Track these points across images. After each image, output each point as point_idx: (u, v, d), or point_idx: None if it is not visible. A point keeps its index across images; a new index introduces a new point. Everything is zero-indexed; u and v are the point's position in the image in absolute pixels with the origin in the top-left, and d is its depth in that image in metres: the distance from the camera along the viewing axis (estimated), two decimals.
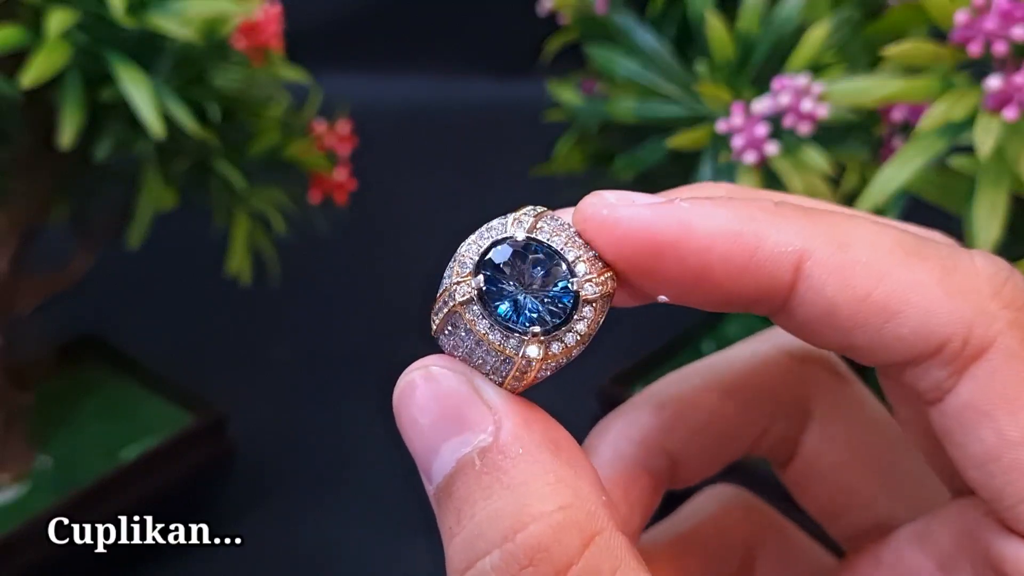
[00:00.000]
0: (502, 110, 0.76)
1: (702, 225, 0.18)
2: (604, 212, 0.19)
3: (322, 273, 0.64)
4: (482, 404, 0.18)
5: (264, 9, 0.43)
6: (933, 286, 0.18)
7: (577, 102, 0.44)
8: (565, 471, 0.18)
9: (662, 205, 0.18)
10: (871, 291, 0.18)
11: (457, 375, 0.19)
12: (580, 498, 0.17)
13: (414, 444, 0.19)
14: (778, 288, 0.18)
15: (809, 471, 0.24)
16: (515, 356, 0.18)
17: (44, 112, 0.39)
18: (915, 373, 0.18)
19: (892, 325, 0.18)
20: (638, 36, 0.41)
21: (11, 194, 0.42)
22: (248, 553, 0.48)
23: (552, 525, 0.17)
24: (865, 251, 0.18)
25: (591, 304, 0.19)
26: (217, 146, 0.41)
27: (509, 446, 0.18)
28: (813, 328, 0.18)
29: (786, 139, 0.36)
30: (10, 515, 0.43)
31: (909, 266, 0.18)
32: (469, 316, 0.18)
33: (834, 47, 0.37)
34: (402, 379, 0.19)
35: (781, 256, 0.18)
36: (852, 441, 0.23)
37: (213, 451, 0.49)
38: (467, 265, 0.19)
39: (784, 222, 0.18)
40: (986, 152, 0.30)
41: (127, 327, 0.56)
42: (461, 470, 0.18)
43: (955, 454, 0.18)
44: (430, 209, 0.72)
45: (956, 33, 0.32)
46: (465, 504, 0.18)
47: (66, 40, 0.36)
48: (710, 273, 0.18)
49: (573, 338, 0.19)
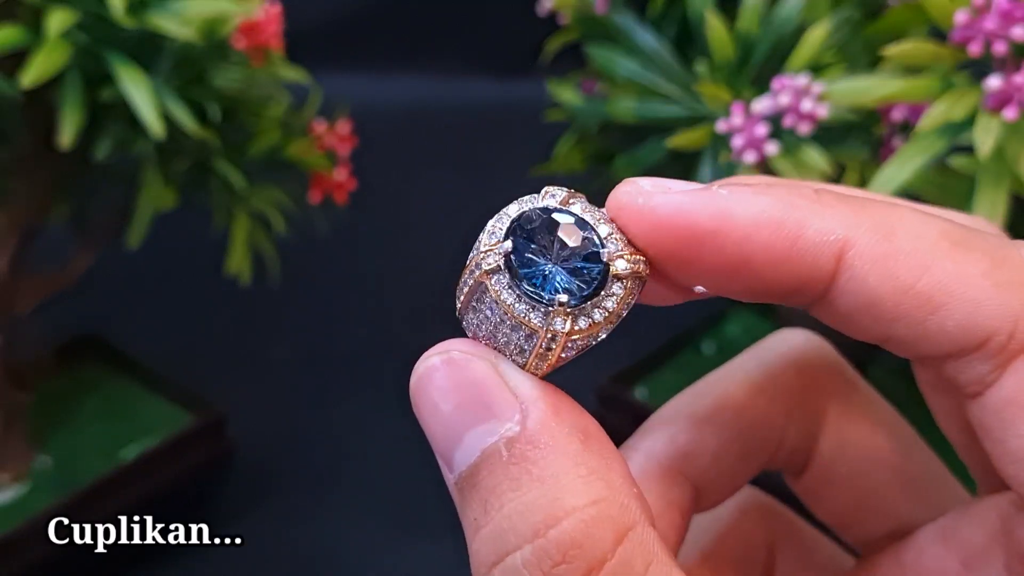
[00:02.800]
0: (502, 110, 0.76)
1: (742, 213, 0.18)
2: (640, 200, 0.18)
3: (322, 273, 0.64)
4: (508, 391, 0.18)
5: (264, 9, 0.43)
6: (980, 278, 0.17)
7: (577, 102, 0.44)
8: (596, 462, 0.17)
9: (700, 192, 0.18)
10: (915, 282, 0.17)
11: (481, 360, 0.18)
12: (613, 491, 0.17)
13: (434, 431, 0.18)
14: (819, 278, 0.18)
15: (824, 479, 0.23)
16: (540, 329, 0.18)
17: (44, 112, 0.39)
18: (956, 366, 0.18)
19: (936, 317, 0.17)
20: (638, 36, 0.41)
21: (11, 194, 0.42)
22: (248, 553, 0.48)
23: (585, 520, 0.16)
24: (909, 241, 0.17)
25: (621, 281, 0.18)
26: (217, 146, 0.41)
27: (538, 436, 0.17)
28: (854, 319, 0.18)
29: (786, 139, 0.36)
30: (10, 515, 0.43)
31: (955, 257, 0.17)
32: (495, 286, 0.18)
33: (834, 47, 0.37)
34: (421, 363, 0.18)
35: (823, 245, 0.17)
36: (866, 446, 0.23)
37: (213, 451, 0.49)
38: (495, 235, 0.18)
39: (826, 210, 0.18)
40: (986, 152, 0.30)
41: (127, 327, 0.56)
42: (487, 460, 0.17)
43: (993, 449, 0.18)
44: (430, 209, 0.72)
45: (956, 33, 0.32)
46: (492, 495, 0.17)
47: (66, 40, 0.36)
48: (750, 262, 0.18)
49: (601, 314, 0.18)
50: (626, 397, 0.49)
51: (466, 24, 0.82)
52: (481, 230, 0.19)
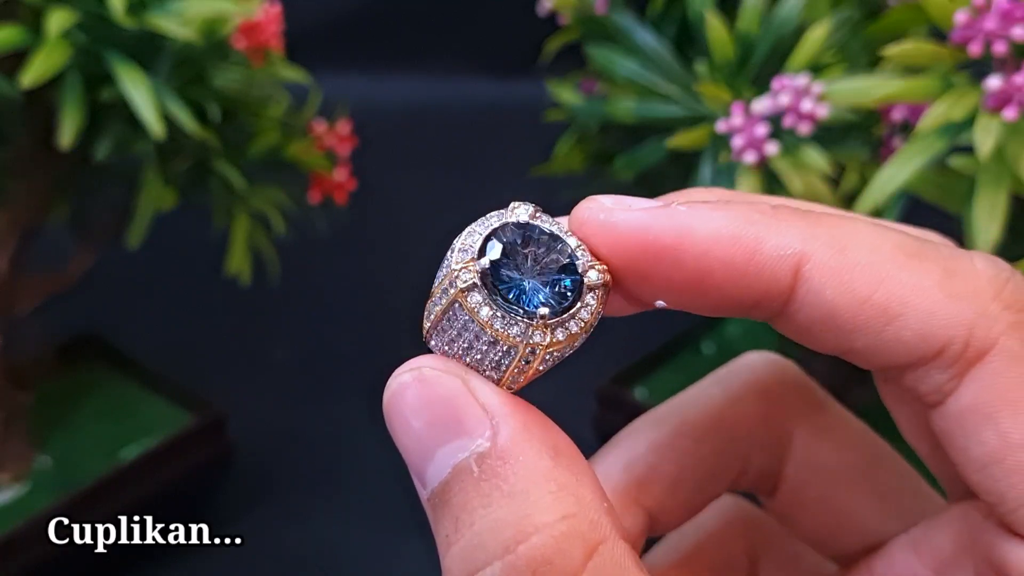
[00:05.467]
0: (502, 110, 0.76)
1: (700, 228, 0.18)
2: (600, 216, 0.18)
3: (322, 273, 0.64)
4: (478, 407, 0.18)
5: (264, 9, 0.43)
6: (934, 288, 0.17)
7: (577, 102, 0.44)
8: (566, 477, 0.17)
9: (659, 209, 0.18)
10: (871, 294, 0.18)
11: (451, 376, 0.18)
12: (583, 506, 0.17)
13: (406, 448, 0.18)
14: (777, 291, 0.18)
15: (795, 500, 0.23)
16: (519, 344, 0.18)
17: (44, 112, 0.39)
18: (916, 376, 0.18)
19: (893, 328, 0.18)
20: (638, 36, 0.41)
21: (11, 194, 0.42)
22: (248, 553, 0.48)
23: (555, 536, 0.17)
24: (865, 253, 0.18)
25: (594, 292, 0.18)
26: (217, 146, 0.41)
27: (508, 452, 0.17)
28: (813, 332, 0.18)
29: (786, 139, 0.36)
30: (10, 515, 0.43)
31: (909, 268, 0.18)
32: (472, 303, 0.18)
33: (834, 47, 0.37)
34: (393, 380, 0.18)
35: (780, 259, 0.18)
36: (836, 466, 0.23)
37: (213, 451, 0.49)
38: (467, 252, 0.18)
39: (783, 225, 0.18)
40: (986, 152, 0.30)
41: (127, 327, 0.56)
42: (458, 476, 0.17)
43: (957, 457, 0.18)
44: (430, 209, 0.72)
45: (956, 33, 0.32)
46: (463, 512, 0.17)
47: (66, 40, 0.36)
48: (709, 277, 0.18)
49: (577, 325, 0.18)
50: (626, 398, 0.49)
51: (466, 24, 0.82)
52: None
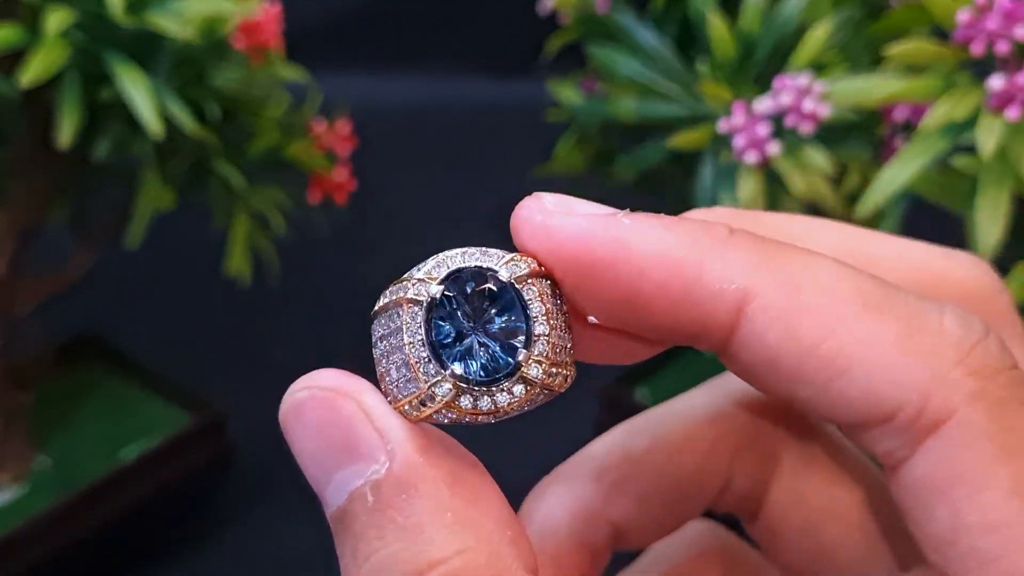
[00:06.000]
0: (502, 110, 0.76)
1: (638, 246, 0.16)
2: (538, 218, 0.17)
3: (322, 273, 0.64)
4: (373, 431, 0.17)
5: (263, 8, 0.43)
6: (889, 345, 0.16)
7: (578, 101, 0.44)
8: (465, 509, 0.16)
9: (600, 218, 0.17)
10: (819, 343, 0.16)
11: (345, 398, 0.17)
12: (480, 539, 0.16)
13: (305, 467, 0.17)
14: (717, 327, 0.16)
15: (777, 529, 0.22)
16: (423, 383, 0.17)
17: (43, 112, 0.39)
18: (868, 438, 0.17)
19: (839, 383, 0.16)
20: (639, 35, 0.41)
21: (10, 194, 0.42)
22: (248, 553, 0.48)
23: (448, 573, 0.16)
24: (818, 296, 0.16)
25: (526, 385, 0.17)
26: (216, 146, 0.41)
27: (402, 480, 0.16)
28: (756, 375, 0.17)
29: (788, 139, 0.36)
30: (9, 515, 0.43)
31: (866, 319, 0.16)
32: (408, 317, 0.17)
33: (836, 46, 0.37)
34: (287, 397, 0.17)
35: (723, 292, 0.16)
36: (823, 498, 0.21)
37: (212, 451, 0.48)
38: (438, 270, 0.17)
39: (731, 254, 0.16)
40: (988, 152, 0.30)
41: (126, 327, 0.55)
42: (353, 503, 0.16)
43: (912, 530, 0.17)
44: (430, 209, 0.72)
45: (958, 33, 0.32)
46: (360, 542, 0.16)
47: (65, 39, 0.36)
48: (643, 299, 0.17)
49: (487, 405, 0.17)
50: (628, 399, 0.49)
51: (467, 24, 0.82)
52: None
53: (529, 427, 0.45)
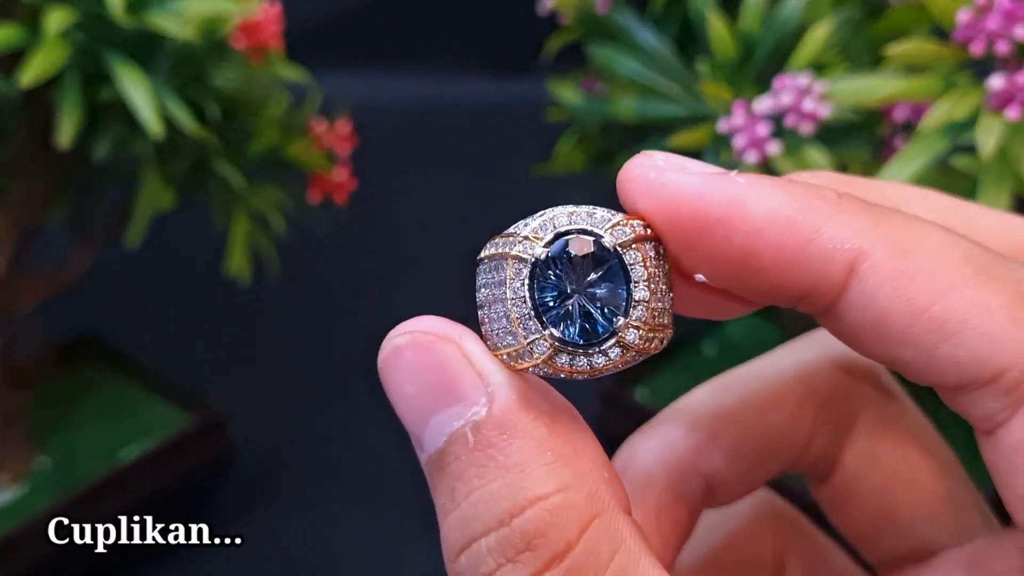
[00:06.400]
0: (503, 109, 0.75)
1: (756, 205, 0.17)
2: (651, 175, 0.17)
3: (322, 273, 0.64)
4: (474, 374, 0.17)
5: (263, 8, 0.43)
6: (999, 309, 0.16)
7: (578, 101, 0.44)
8: (564, 448, 0.17)
9: (715, 176, 0.17)
10: (929, 305, 0.16)
11: (446, 342, 0.17)
12: (579, 478, 0.17)
13: (402, 413, 0.18)
14: (828, 287, 0.17)
15: (848, 490, 0.22)
16: (523, 339, 0.17)
17: (42, 112, 0.39)
18: (968, 400, 0.17)
19: (947, 346, 0.16)
20: (639, 35, 0.41)
21: (9, 194, 0.42)
22: (248, 553, 0.48)
23: (549, 509, 0.16)
24: (929, 260, 0.16)
25: (623, 349, 0.17)
26: (216, 146, 0.41)
27: (504, 421, 0.17)
28: (860, 336, 0.17)
29: (788, 139, 0.36)
30: (9, 515, 0.43)
31: (976, 284, 0.16)
32: (512, 272, 0.17)
33: (836, 46, 0.37)
34: (387, 343, 0.18)
35: (836, 253, 0.17)
36: (896, 462, 0.22)
37: (212, 451, 0.48)
38: (544, 229, 0.17)
39: (845, 217, 0.17)
40: (988, 152, 0.30)
41: (126, 327, 0.55)
42: (453, 445, 0.17)
43: (1003, 492, 0.17)
44: (430, 209, 0.72)
45: (958, 32, 0.32)
46: (460, 482, 0.17)
47: (65, 39, 0.36)
48: (757, 259, 0.17)
49: (583, 364, 0.17)
50: (627, 398, 0.49)
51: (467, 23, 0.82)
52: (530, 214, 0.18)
53: None
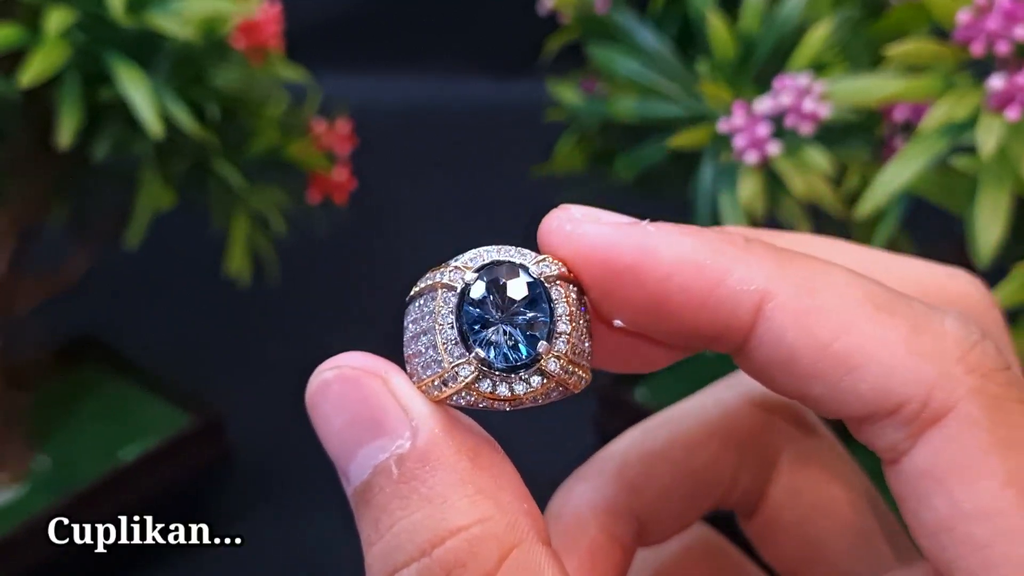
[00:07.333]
0: (502, 110, 0.76)
1: (666, 252, 0.18)
2: (568, 227, 0.18)
3: (322, 273, 0.64)
4: (398, 408, 0.18)
5: (263, 8, 0.43)
6: (898, 343, 0.17)
7: (577, 101, 0.44)
8: (485, 481, 0.17)
9: (627, 226, 0.18)
10: (832, 341, 0.17)
11: (373, 377, 0.18)
12: (500, 510, 0.17)
13: (329, 446, 0.18)
14: (737, 327, 0.18)
15: (773, 524, 0.23)
16: (448, 364, 0.18)
17: (42, 112, 0.39)
18: (872, 431, 0.18)
19: (851, 379, 0.17)
20: (639, 35, 0.41)
21: (9, 194, 0.42)
22: (248, 553, 0.48)
23: (469, 539, 0.17)
24: (832, 299, 0.17)
25: (544, 377, 0.18)
26: (216, 146, 0.41)
27: (427, 454, 0.17)
28: (771, 373, 0.18)
29: (788, 139, 0.36)
30: (9, 515, 0.43)
31: (876, 320, 0.17)
32: (441, 301, 0.18)
33: (836, 46, 0.37)
34: (315, 377, 0.18)
35: (743, 294, 0.17)
36: (817, 495, 0.23)
37: (212, 451, 0.48)
38: (474, 261, 0.18)
39: (752, 259, 0.18)
40: (988, 152, 0.30)
41: (126, 328, 0.55)
42: (378, 477, 0.17)
43: (909, 520, 0.18)
44: (430, 209, 0.72)
45: (958, 33, 0.32)
46: (384, 513, 0.17)
47: (65, 39, 0.36)
48: (669, 302, 0.18)
49: (505, 391, 0.18)
50: (627, 398, 0.49)
51: (466, 24, 0.82)
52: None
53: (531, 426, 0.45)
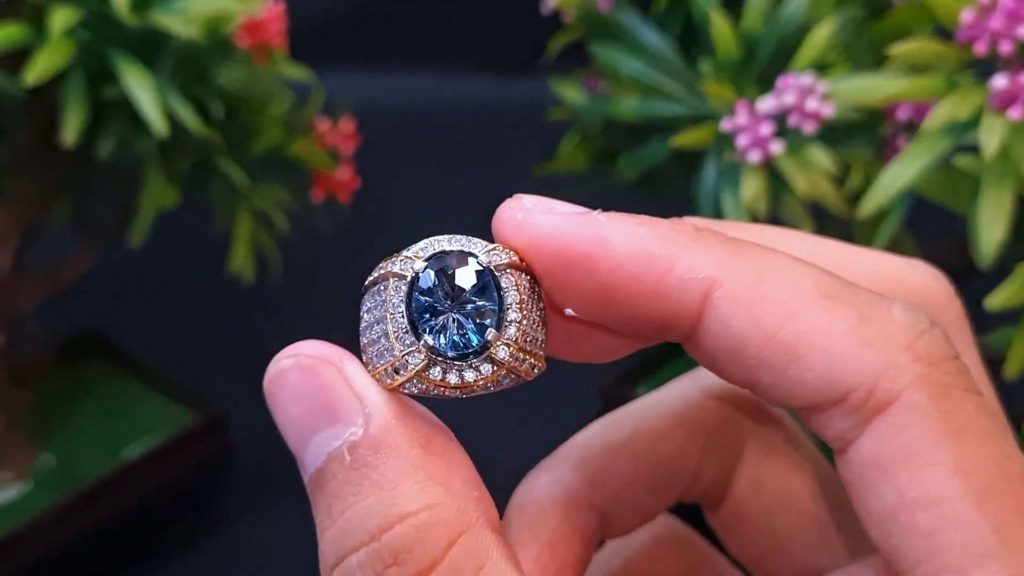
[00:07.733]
0: (505, 108, 0.76)
1: (617, 241, 0.18)
2: (519, 216, 0.18)
3: (324, 272, 0.64)
4: (352, 396, 0.18)
5: (267, 7, 0.43)
6: (845, 332, 0.17)
7: (580, 101, 0.44)
8: (436, 467, 0.17)
9: (578, 216, 0.18)
10: (779, 329, 0.17)
11: (328, 365, 0.18)
12: (450, 495, 0.17)
13: (285, 433, 0.19)
14: (685, 315, 0.18)
15: (736, 515, 0.23)
16: (399, 352, 0.18)
17: (47, 110, 0.39)
18: (821, 420, 0.18)
19: (797, 367, 0.17)
20: (642, 34, 0.41)
21: (13, 192, 0.42)
22: (248, 553, 0.48)
23: (417, 525, 0.17)
24: (779, 288, 0.17)
25: (493, 365, 0.18)
26: (219, 144, 0.41)
27: (379, 441, 0.17)
28: (721, 362, 0.18)
29: (790, 138, 0.36)
30: (12, 513, 0.43)
31: (823, 309, 0.17)
32: (392, 290, 0.18)
33: (839, 46, 0.37)
34: (272, 365, 0.19)
35: (691, 282, 0.17)
36: (780, 486, 0.23)
37: (214, 450, 0.49)
38: (425, 250, 0.18)
39: (701, 247, 0.18)
40: (991, 152, 0.30)
41: (128, 326, 0.55)
42: (331, 463, 0.18)
43: (857, 508, 0.18)
44: (433, 207, 0.72)
45: (961, 32, 0.32)
46: (336, 499, 0.18)
47: (69, 38, 0.36)
48: (618, 291, 0.18)
49: (455, 379, 0.18)
50: (629, 396, 0.49)
51: (470, 22, 0.82)
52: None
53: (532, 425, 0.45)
